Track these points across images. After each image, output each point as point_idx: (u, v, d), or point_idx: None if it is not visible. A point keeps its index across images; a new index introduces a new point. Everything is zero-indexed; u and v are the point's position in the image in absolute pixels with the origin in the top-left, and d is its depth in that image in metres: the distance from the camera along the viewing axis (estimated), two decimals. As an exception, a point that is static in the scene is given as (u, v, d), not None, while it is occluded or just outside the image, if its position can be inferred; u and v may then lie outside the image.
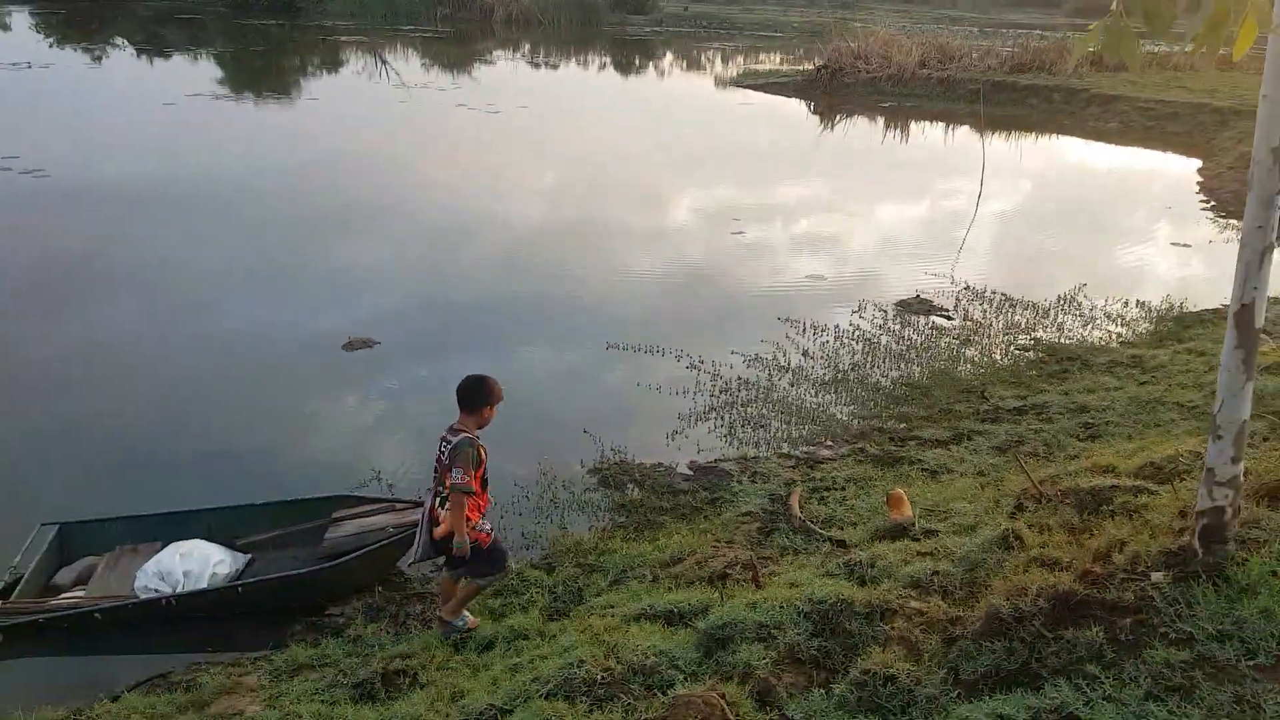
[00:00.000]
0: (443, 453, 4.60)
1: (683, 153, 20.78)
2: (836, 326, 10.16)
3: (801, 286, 11.70)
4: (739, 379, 8.86)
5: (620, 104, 27.83)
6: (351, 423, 8.06)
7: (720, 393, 8.58)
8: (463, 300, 10.97)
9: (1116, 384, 8.35)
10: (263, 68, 31.71)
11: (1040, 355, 9.50)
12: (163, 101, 23.14)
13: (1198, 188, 17.55)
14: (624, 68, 39.18)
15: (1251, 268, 2.97)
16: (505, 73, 32.50)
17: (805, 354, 9.48)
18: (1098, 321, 10.55)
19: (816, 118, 27.05)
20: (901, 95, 27.99)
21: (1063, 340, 9.95)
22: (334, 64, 33.73)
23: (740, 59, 40.40)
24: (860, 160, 21.10)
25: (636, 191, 17.13)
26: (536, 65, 36.19)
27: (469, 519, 4.64)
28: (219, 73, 29.28)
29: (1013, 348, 9.74)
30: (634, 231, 14.36)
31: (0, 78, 25.99)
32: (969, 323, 10.44)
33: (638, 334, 9.84)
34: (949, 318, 10.61)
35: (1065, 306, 10.88)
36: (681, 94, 31.20)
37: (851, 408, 8.41)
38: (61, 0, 48.14)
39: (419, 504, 6.09)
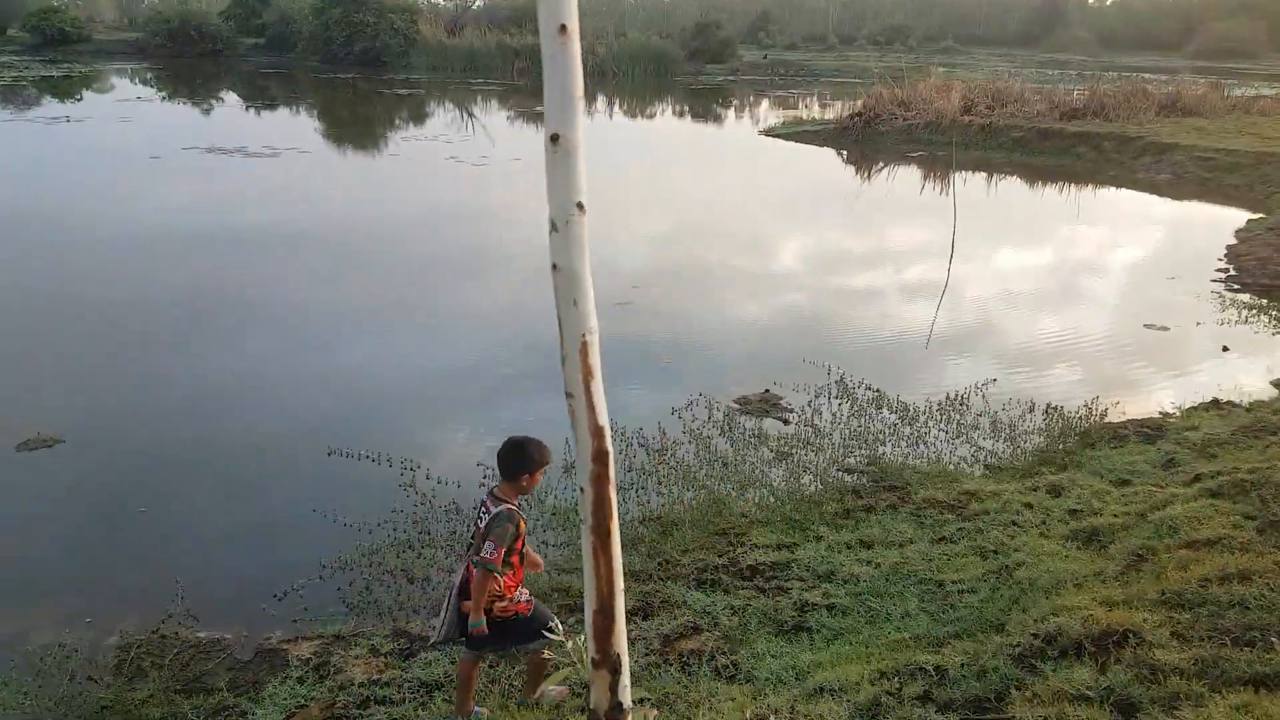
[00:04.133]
0: (480, 520, 4.29)
1: (630, 210, 18.97)
2: (624, 430, 8.13)
3: (640, 376, 9.65)
4: (448, 507, 6.98)
5: (628, 155, 26.21)
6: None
7: (394, 528, 6.70)
8: (171, 384, 9.38)
9: (906, 537, 6.11)
10: (324, 120, 31.66)
11: (861, 482, 7.26)
12: (149, 155, 22.93)
13: (1225, 252, 14.66)
14: (678, 116, 38.34)
15: None
16: (530, 126, 31.30)
17: (559, 472, 7.50)
18: (978, 433, 8.22)
19: (843, 167, 24.94)
20: (936, 144, 25.53)
21: (908, 460, 7.67)
22: (395, 117, 33.44)
23: (789, 107, 38.48)
24: (847, 217, 18.78)
25: (503, 252, 15.05)
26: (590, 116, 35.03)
27: (506, 592, 4.30)
28: (244, 123, 29.28)
29: (835, 468, 7.53)
30: (461, 309, 12.21)
31: (21, 129, 26.52)
32: (808, 429, 8.27)
33: (373, 439, 8.07)
34: (786, 421, 8.45)
35: (944, 411, 8.55)
36: (694, 145, 29.73)
37: (557, 554, 6.43)
38: (171, 58, 51.33)
39: None
